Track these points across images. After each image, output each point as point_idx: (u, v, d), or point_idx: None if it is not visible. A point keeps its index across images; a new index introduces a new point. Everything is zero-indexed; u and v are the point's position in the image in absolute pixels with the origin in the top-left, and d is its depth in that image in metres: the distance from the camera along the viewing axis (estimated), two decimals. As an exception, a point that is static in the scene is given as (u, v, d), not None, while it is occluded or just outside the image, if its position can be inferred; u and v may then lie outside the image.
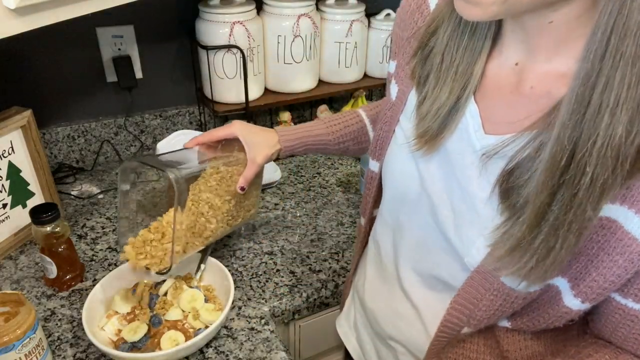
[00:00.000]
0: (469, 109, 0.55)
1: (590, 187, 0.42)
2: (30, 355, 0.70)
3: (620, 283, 0.48)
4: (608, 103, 0.40)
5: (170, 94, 1.38)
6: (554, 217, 0.45)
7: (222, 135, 0.83)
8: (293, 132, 0.86)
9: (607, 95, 0.40)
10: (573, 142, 0.42)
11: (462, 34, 0.55)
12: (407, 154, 0.62)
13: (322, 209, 1.19)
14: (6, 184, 0.98)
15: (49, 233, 0.86)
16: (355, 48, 1.35)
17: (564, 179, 0.43)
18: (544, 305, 0.55)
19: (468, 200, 0.55)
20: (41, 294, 0.90)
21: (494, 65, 0.56)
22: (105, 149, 1.34)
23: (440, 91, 0.57)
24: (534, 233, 0.46)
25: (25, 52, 1.17)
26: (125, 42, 1.25)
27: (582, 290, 0.50)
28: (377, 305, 0.74)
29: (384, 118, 0.69)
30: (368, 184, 0.75)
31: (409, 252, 0.66)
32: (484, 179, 0.53)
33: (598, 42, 0.40)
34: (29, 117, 0.99)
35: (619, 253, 0.46)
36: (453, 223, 0.57)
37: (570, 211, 0.44)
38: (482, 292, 0.56)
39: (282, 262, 1.01)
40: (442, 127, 0.57)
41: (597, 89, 0.41)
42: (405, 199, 0.64)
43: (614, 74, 0.40)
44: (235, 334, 0.83)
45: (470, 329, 0.60)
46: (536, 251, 0.47)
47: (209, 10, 1.17)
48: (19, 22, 0.64)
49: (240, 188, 0.82)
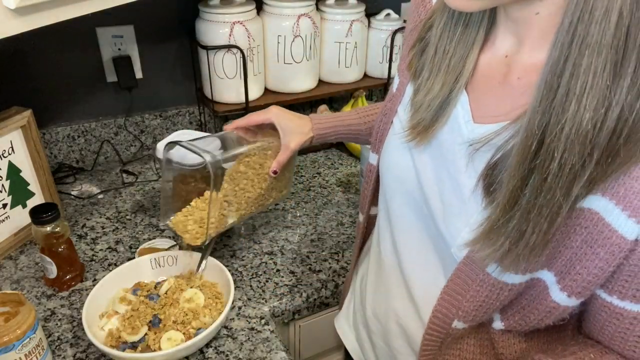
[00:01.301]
0: (460, 100, 0.56)
1: (559, 173, 0.43)
2: (30, 355, 0.70)
3: (603, 277, 0.48)
4: (575, 90, 0.41)
5: (170, 94, 1.38)
6: (525, 200, 0.46)
7: (260, 120, 0.86)
8: (326, 120, 0.89)
9: (574, 83, 0.41)
10: (542, 128, 0.43)
11: (455, 26, 0.56)
12: (403, 145, 0.63)
13: (322, 209, 1.19)
14: (6, 184, 0.98)
15: (49, 233, 0.86)
16: (355, 48, 1.35)
17: (535, 163, 0.44)
18: (532, 302, 0.55)
19: (457, 191, 0.56)
20: (41, 294, 0.90)
21: (486, 57, 0.57)
22: (105, 149, 1.34)
23: (433, 83, 0.58)
24: (507, 216, 0.47)
25: (25, 52, 1.17)
26: (125, 42, 1.25)
27: (568, 284, 0.50)
28: (376, 303, 0.74)
29: (384, 110, 0.70)
30: (367, 177, 0.75)
31: (407, 246, 0.66)
32: (472, 170, 0.54)
33: (566, 30, 0.41)
34: (29, 117, 0.99)
35: (600, 245, 0.46)
36: (442, 214, 0.58)
37: (541, 195, 0.45)
38: (469, 282, 0.57)
39: (282, 262, 1.01)
40: (434, 119, 0.58)
41: (564, 76, 0.42)
42: (401, 190, 0.65)
43: (580, 62, 0.41)
44: (235, 334, 0.83)
45: (462, 323, 0.60)
46: (509, 234, 0.47)
47: (209, 10, 1.17)
48: (19, 22, 0.64)
49: (273, 172, 0.84)
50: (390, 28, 1.37)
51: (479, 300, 0.56)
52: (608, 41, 0.39)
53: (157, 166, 1.31)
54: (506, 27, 0.53)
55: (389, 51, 1.38)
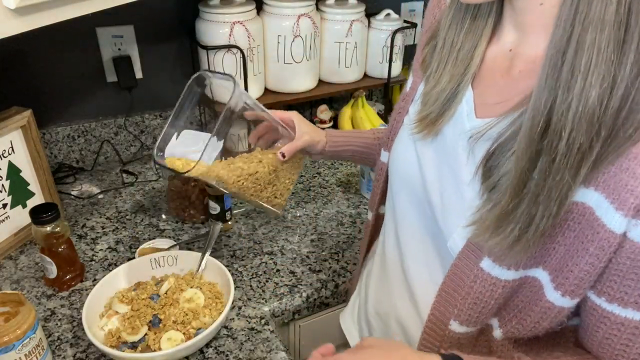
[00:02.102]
0: (466, 95, 0.57)
1: (568, 153, 0.43)
2: (30, 355, 0.70)
3: (594, 273, 0.48)
4: (580, 67, 0.42)
5: (170, 94, 1.37)
6: (534, 183, 0.46)
7: (282, 117, 0.85)
8: (340, 132, 0.90)
9: (578, 59, 0.42)
10: (549, 107, 0.44)
11: (464, 18, 0.57)
12: (410, 141, 0.64)
13: (322, 209, 1.19)
14: (6, 184, 0.98)
15: (49, 233, 0.86)
16: (355, 48, 1.35)
17: (542, 144, 0.45)
18: (528, 303, 0.55)
19: (456, 185, 0.56)
20: (41, 294, 0.90)
21: (492, 51, 0.58)
22: (105, 149, 1.34)
23: (441, 75, 0.59)
24: (516, 200, 0.47)
25: (25, 52, 1.17)
26: (125, 42, 1.25)
27: (561, 282, 0.50)
28: (379, 300, 0.75)
29: (397, 108, 0.71)
30: (378, 175, 0.76)
31: (409, 245, 0.67)
32: (471, 162, 0.54)
33: (568, 7, 0.42)
34: (29, 117, 0.99)
35: (590, 240, 0.46)
36: (442, 210, 0.58)
37: (549, 177, 0.45)
38: (463, 279, 0.57)
39: (282, 262, 1.01)
40: (441, 112, 0.59)
41: (568, 53, 0.42)
42: (406, 187, 0.65)
43: (584, 38, 0.41)
44: (235, 334, 0.83)
45: (459, 324, 0.60)
46: (519, 220, 0.47)
47: (209, 10, 1.17)
48: (19, 22, 0.64)
49: (282, 154, 0.82)
50: (390, 28, 1.37)
51: (472, 297, 0.56)
52: (610, 17, 0.40)
53: (157, 166, 1.31)
54: (511, 19, 0.54)
55: (389, 51, 1.38)
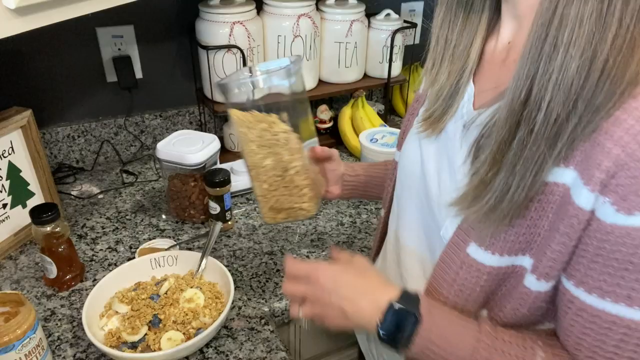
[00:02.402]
0: (467, 90, 0.58)
1: (545, 123, 0.44)
2: (30, 355, 0.70)
3: (567, 253, 0.48)
4: (562, 39, 0.43)
5: (170, 94, 1.38)
6: (512, 153, 0.47)
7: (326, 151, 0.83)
8: (357, 164, 0.89)
9: (562, 32, 0.43)
10: (531, 78, 0.45)
11: (456, 15, 0.58)
12: (415, 139, 0.65)
13: (322, 209, 1.19)
14: (6, 184, 0.98)
15: (49, 233, 0.86)
16: (355, 48, 1.35)
17: (523, 114, 0.46)
18: (510, 290, 0.55)
19: (452, 176, 0.57)
20: (41, 294, 0.90)
21: (491, 45, 0.58)
22: (105, 149, 1.34)
23: (437, 73, 0.59)
24: (494, 169, 0.48)
25: (25, 52, 1.17)
26: (125, 42, 1.25)
27: (536, 265, 0.51)
28: None
29: (410, 109, 0.71)
30: (390, 174, 0.77)
31: (406, 242, 0.67)
32: (465, 148, 0.55)
33: None
34: (29, 117, 0.99)
35: (561, 219, 0.47)
36: (437, 199, 0.59)
37: (527, 147, 0.46)
38: (450, 265, 0.57)
39: (282, 262, 1.01)
40: (445, 109, 0.59)
41: (552, 25, 0.43)
42: (409, 185, 0.66)
43: (568, 11, 0.42)
44: (235, 334, 0.83)
45: None
46: (496, 189, 0.48)
47: (209, 10, 1.17)
48: (19, 22, 0.64)
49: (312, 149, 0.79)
50: (390, 28, 1.37)
51: (458, 284, 0.56)
52: None
53: (157, 166, 1.31)
54: (507, 11, 0.55)
55: (389, 51, 1.38)
